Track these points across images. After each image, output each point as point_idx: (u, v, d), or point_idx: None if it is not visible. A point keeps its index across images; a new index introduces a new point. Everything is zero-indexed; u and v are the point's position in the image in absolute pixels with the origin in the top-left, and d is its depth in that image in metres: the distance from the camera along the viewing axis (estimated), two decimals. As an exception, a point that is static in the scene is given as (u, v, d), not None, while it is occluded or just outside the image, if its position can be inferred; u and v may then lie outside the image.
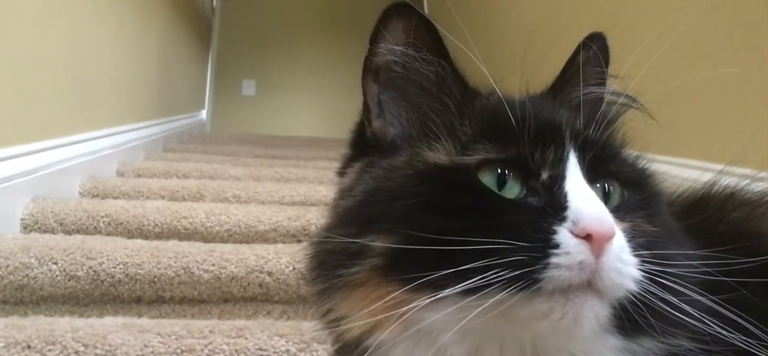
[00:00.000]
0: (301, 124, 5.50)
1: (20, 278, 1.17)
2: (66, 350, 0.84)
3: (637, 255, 0.50)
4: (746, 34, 1.33)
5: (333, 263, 0.55)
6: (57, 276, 1.18)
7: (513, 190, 0.52)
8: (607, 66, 0.65)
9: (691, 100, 1.50)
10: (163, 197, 1.81)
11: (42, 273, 1.18)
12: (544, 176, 0.52)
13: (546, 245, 0.48)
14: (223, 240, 1.49)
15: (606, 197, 0.54)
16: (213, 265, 1.24)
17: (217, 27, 5.65)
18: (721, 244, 0.55)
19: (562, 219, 0.49)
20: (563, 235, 0.48)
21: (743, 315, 0.50)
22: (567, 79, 0.64)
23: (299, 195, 1.87)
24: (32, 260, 1.18)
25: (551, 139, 0.54)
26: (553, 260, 0.47)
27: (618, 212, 0.52)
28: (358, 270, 0.53)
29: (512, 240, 0.47)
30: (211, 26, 5.52)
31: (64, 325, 0.89)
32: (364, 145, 0.63)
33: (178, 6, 3.84)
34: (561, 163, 0.53)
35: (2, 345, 0.84)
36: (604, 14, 2.00)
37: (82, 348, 0.84)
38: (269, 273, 1.24)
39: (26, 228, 1.47)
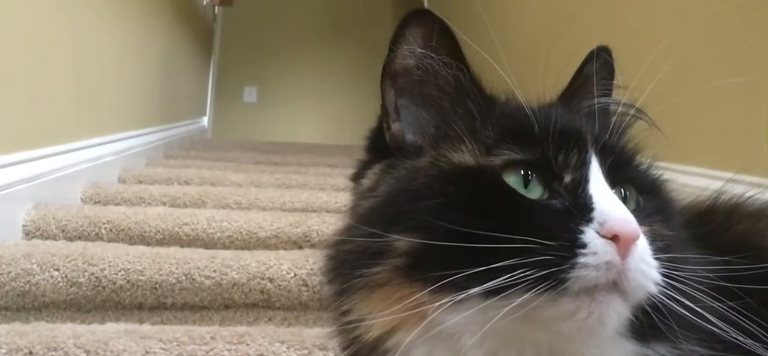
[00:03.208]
0: (302, 130, 5.50)
1: (22, 284, 1.17)
2: (68, 356, 0.84)
3: (656, 259, 0.50)
4: (753, 42, 1.33)
5: (353, 262, 0.55)
6: (59, 282, 1.18)
7: (536, 191, 0.53)
8: (612, 78, 0.67)
9: (698, 108, 1.50)
10: (164, 204, 1.81)
11: (44, 280, 1.18)
12: (567, 179, 0.54)
13: (573, 245, 0.48)
14: (225, 247, 1.49)
15: (624, 201, 0.54)
16: (214, 271, 1.24)
17: (218, 34, 5.66)
18: (727, 258, 0.56)
19: (589, 220, 0.50)
20: (590, 235, 0.49)
21: (757, 321, 0.50)
22: (576, 89, 0.66)
23: (300, 202, 1.87)
24: (34, 266, 1.19)
25: (574, 143, 0.55)
26: (581, 260, 0.48)
27: (637, 216, 0.52)
28: (380, 269, 0.53)
29: (540, 239, 0.48)
30: (212, 33, 5.53)
31: (66, 331, 0.89)
32: (383, 148, 0.63)
33: (180, 13, 3.85)
34: (584, 166, 0.54)
35: (4, 351, 0.84)
36: (612, 18, 2.00)
37: (83, 354, 0.85)
38: (271, 280, 1.24)
39: (28, 235, 1.48)
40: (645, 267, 0.49)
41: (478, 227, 0.48)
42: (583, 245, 0.48)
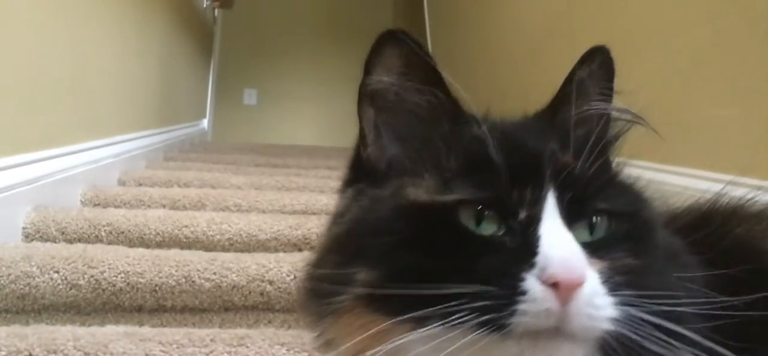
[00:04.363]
0: (302, 133, 5.51)
1: (22, 287, 1.17)
2: (67, 359, 0.84)
3: (616, 294, 0.50)
4: (754, 46, 1.33)
5: (323, 289, 0.57)
6: (58, 284, 1.18)
7: (490, 228, 0.53)
8: (611, 81, 0.63)
9: (698, 111, 1.51)
10: (164, 206, 1.81)
11: (43, 282, 1.18)
12: (522, 215, 0.53)
13: (513, 292, 0.49)
14: (225, 249, 1.49)
15: (591, 230, 0.54)
16: (214, 274, 1.24)
17: (218, 36, 5.66)
18: (725, 260, 0.56)
19: (532, 266, 0.49)
20: (531, 282, 0.49)
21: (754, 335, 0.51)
22: (567, 95, 0.62)
23: (300, 204, 1.87)
24: (34, 269, 1.18)
25: (530, 178, 0.54)
26: (520, 307, 0.48)
27: (599, 249, 0.52)
28: (344, 298, 0.55)
29: (482, 285, 0.49)
30: (212, 35, 5.53)
31: (66, 334, 0.89)
32: (359, 168, 0.64)
33: (180, 15, 3.85)
34: (538, 203, 0.53)
35: (4, 353, 0.84)
36: (612, 20, 2.00)
37: (83, 357, 0.84)
38: (270, 282, 1.24)
39: (28, 237, 1.48)
40: (591, 310, 0.48)
41: (427, 267, 0.51)
42: (523, 292, 0.48)
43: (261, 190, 2.11)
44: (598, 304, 0.49)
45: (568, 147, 0.57)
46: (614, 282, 0.50)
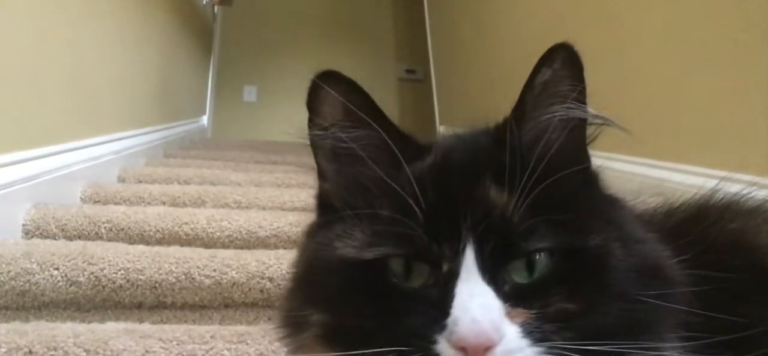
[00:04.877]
0: (302, 130, 5.50)
1: (22, 283, 1.17)
2: (68, 355, 0.84)
3: (543, 344, 0.49)
4: (749, 41, 1.33)
5: (289, 323, 0.61)
6: (58, 281, 1.18)
7: (419, 279, 0.53)
8: (579, 80, 0.57)
9: (693, 107, 1.51)
10: (164, 203, 1.81)
11: (43, 279, 1.18)
12: (445, 268, 0.52)
13: (426, 354, 0.49)
14: (225, 246, 1.49)
15: (532, 270, 0.52)
16: (214, 271, 1.24)
17: (218, 33, 5.66)
18: (720, 257, 0.56)
19: (443, 328, 0.49)
20: (442, 345, 0.49)
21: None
22: (523, 104, 0.57)
23: (300, 201, 1.87)
24: (34, 265, 1.18)
25: (448, 230, 0.52)
26: None
27: (531, 294, 0.51)
28: (305, 335, 0.58)
29: (403, 345, 0.50)
30: (212, 32, 5.53)
31: (66, 331, 0.89)
32: (320, 202, 0.65)
33: (179, 12, 3.84)
34: (456, 257, 0.52)
35: (4, 350, 0.84)
36: (610, 18, 2.00)
37: (83, 354, 0.85)
38: (270, 279, 1.24)
39: (28, 234, 1.48)
40: None
41: (364, 318, 0.53)
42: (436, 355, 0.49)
43: (261, 187, 2.11)
44: None
45: (503, 181, 0.53)
46: (542, 332, 0.49)
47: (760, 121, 1.27)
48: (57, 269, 1.19)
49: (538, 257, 0.52)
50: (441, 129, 4.37)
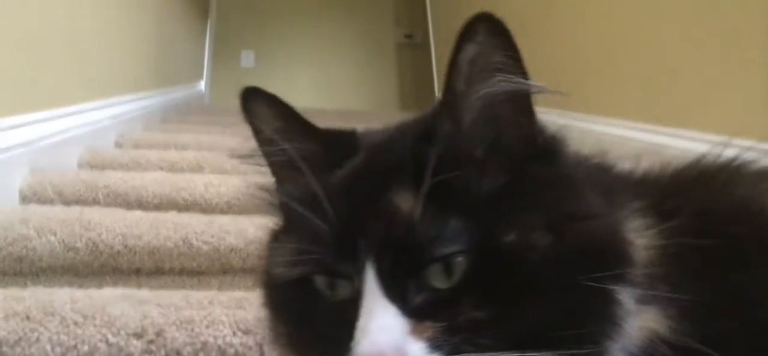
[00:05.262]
0: (299, 95, 5.43)
1: (19, 249, 1.17)
2: (65, 321, 0.84)
3: (454, 355, 0.48)
4: (746, 4, 1.32)
5: (269, 335, 0.64)
6: (56, 247, 1.18)
7: (345, 290, 0.53)
8: (509, 49, 0.52)
9: (692, 70, 1.49)
10: (161, 169, 1.80)
11: (41, 245, 1.17)
12: (355, 285, 0.51)
13: None
14: (223, 212, 1.48)
15: (450, 273, 0.49)
16: (212, 236, 1.24)
17: (215, -3, 5.61)
18: (728, 223, 0.54)
19: (349, 349, 0.49)
20: None
21: None
22: (453, 88, 0.53)
23: (298, 166, 1.86)
24: (31, 231, 1.18)
25: (350, 249, 0.51)
26: None
27: (439, 308, 0.49)
28: (279, 344, 0.61)
29: None
30: (209, -4, 5.48)
31: (63, 296, 0.89)
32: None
33: (176, -25, 3.80)
34: (359, 275, 0.50)
35: (1, 315, 0.84)
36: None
37: (80, 319, 0.84)
38: (268, 245, 1.23)
39: (25, 200, 1.47)
40: None
41: (302, 330, 0.56)
42: None
43: (259, 152, 2.10)
44: None
45: (413, 183, 0.50)
46: (451, 344, 0.48)
47: (761, 85, 1.26)
48: (54, 234, 1.19)
49: (457, 259, 0.49)
50: (440, 96, 4.34)
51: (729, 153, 0.65)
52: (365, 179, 0.54)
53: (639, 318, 0.51)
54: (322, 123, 0.62)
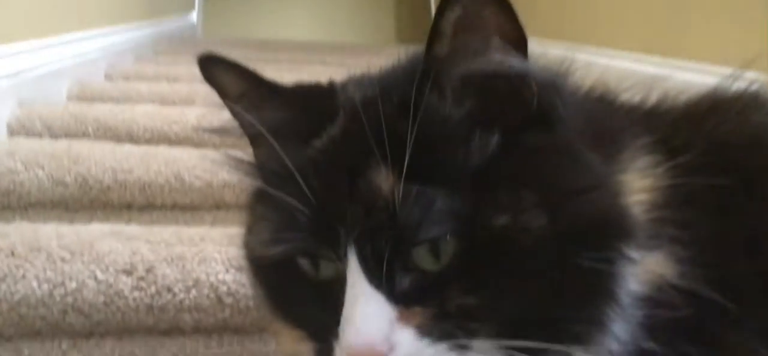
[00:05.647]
0: (295, 29, 5.37)
1: (6, 183, 1.14)
2: (51, 257, 0.82)
3: (447, 341, 0.45)
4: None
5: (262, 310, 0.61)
6: (44, 181, 1.15)
7: (326, 272, 0.50)
8: (497, 10, 0.47)
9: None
10: (152, 102, 1.76)
11: (28, 179, 1.15)
12: (340, 267, 0.48)
13: None
14: (215, 146, 1.45)
15: (436, 256, 0.46)
16: (204, 171, 1.21)
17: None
18: (743, 156, 0.52)
19: (337, 334, 0.47)
20: (339, 352, 0.47)
21: None
22: (435, 53, 0.49)
23: (293, 100, 1.83)
24: (18, 165, 1.15)
25: (330, 233, 0.48)
26: None
27: (428, 292, 0.46)
28: (271, 319, 0.58)
29: (316, 341, 0.51)
30: None
31: (49, 232, 0.87)
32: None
33: None
34: (342, 259, 0.48)
35: (-15, 252, 0.82)
36: None
37: (68, 255, 0.82)
38: (263, 179, 1.21)
39: (12, 133, 1.44)
40: None
41: (290, 307, 0.54)
42: None
43: (253, 85, 2.06)
44: None
45: (395, 159, 0.46)
46: (442, 330, 0.46)
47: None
48: (42, 168, 1.16)
49: (446, 239, 0.46)
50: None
51: (741, 84, 0.61)
52: (343, 154, 0.50)
53: (643, 264, 0.48)
54: (315, 60, 0.59)
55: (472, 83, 0.49)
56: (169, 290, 0.83)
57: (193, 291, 0.84)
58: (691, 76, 1.37)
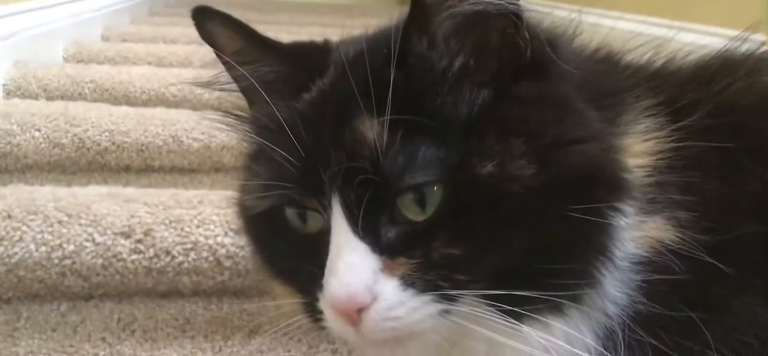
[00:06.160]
0: None
1: (2, 145, 1.14)
2: (48, 220, 0.81)
3: (432, 292, 0.45)
4: None
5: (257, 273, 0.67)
6: (40, 143, 1.15)
7: (314, 225, 0.50)
8: None
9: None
10: (150, 63, 1.74)
11: (25, 140, 1.14)
12: (325, 219, 0.48)
13: (315, 311, 0.49)
14: (213, 108, 1.44)
15: (422, 205, 0.45)
16: (202, 134, 1.20)
17: None
18: (751, 117, 0.50)
19: (321, 286, 0.47)
20: (323, 304, 0.47)
21: None
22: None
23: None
24: (14, 126, 1.15)
25: (316, 183, 0.47)
26: (324, 324, 0.48)
27: (413, 242, 0.46)
28: (260, 264, 0.59)
29: (302, 295, 0.50)
30: None
31: (46, 194, 0.86)
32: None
33: None
34: (327, 209, 0.47)
35: (-19, 214, 0.81)
36: None
37: (65, 218, 0.81)
38: (262, 141, 1.20)
39: (8, 94, 1.42)
40: (391, 324, 0.45)
41: (281, 260, 0.54)
42: (321, 312, 0.48)
43: (252, 47, 2.04)
44: (399, 315, 0.45)
45: (380, 108, 0.46)
46: (426, 281, 0.45)
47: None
48: (38, 130, 1.15)
49: (430, 190, 0.45)
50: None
51: (750, 46, 0.59)
52: (331, 105, 0.49)
53: (640, 229, 0.48)
54: (315, 21, 0.58)
55: (460, 29, 0.48)
56: (168, 253, 0.83)
57: (192, 254, 0.83)
58: (695, 38, 1.35)
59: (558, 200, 0.44)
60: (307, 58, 0.55)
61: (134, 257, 0.82)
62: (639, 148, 0.49)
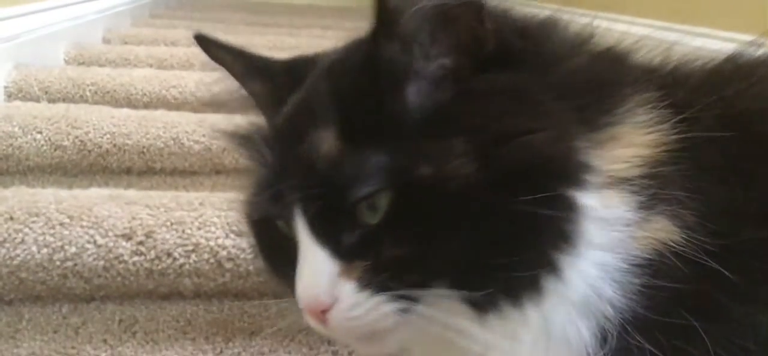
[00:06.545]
0: None
1: (4, 147, 1.14)
2: (50, 222, 0.81)
3: (386, 292, 0.46)
4: None
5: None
6: (42, 145, 1.15)
7: (290, 229, 0.52)
8: None
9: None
10: (151, 66, 1.75)
11: (26, 143, 1.14)
12: (292, 226, 0.51)
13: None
14: (215, 111, 1.45)
15: (374, 211, 0.46)
16: (203, 136, 1.21)
17: None
18: (760, 122, 0.49)
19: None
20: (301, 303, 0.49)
21: None
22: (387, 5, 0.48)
23: (292, 65, 1.81)
24: (16, 129, 1.15)
25: (280, 195, 0.50)
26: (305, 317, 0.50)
27: (367, 246, 0.47)
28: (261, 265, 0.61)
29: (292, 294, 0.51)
30: None
31: (48, 196, 0.86)
32: None
33: None
34: (292, 219, 0.50)
35: (-17, 216, 0.81)
36: None
37: (67, 220, 0.82)
38: (262, 144, 1.20)
39: (10, 97, 1.42)
40: (354, 322, 0.47)
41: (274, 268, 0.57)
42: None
43: (252, 49, 2.04)
44: (358, 315, 0.47)
45: (336, 117, 0.47)
46: (378, 282, 0.47)
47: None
48: (40, 132, 1.15)
49: (381, 195, 0.46)
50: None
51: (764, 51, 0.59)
52: (297, 118, 0.52)
53: (643, 228, 0.47)
54: (315, 24, 0.59)
55: (426, 28, 0.48)
56: (169, 254, 0.83)
57: (193, 256, 0.84)
58: (704, 43, 1.35)
59: (504, 194, 0.44)
60: (292, 73, 0.58)
61: (135, 259, 0.82)
62: (637, 139, 0.48)
